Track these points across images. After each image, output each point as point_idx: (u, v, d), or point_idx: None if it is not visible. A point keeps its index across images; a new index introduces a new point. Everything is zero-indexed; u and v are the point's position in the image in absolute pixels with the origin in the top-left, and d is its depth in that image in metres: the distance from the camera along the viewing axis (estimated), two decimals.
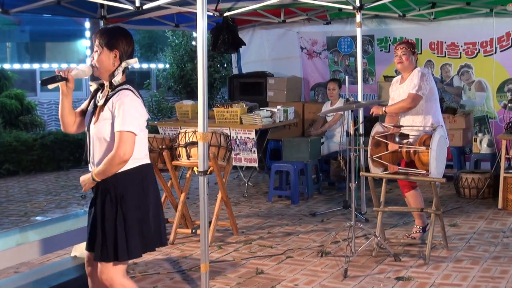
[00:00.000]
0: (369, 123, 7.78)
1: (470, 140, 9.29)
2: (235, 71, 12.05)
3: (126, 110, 3.61)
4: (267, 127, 8.53)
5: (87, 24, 15.07)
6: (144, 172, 3.79)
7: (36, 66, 16.23)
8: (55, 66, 3.58)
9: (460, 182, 8.35)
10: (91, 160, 3.81)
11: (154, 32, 17.46)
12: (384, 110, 6.18)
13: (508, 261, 5.66)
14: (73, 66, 3.86)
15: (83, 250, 4.21)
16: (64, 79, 3.70)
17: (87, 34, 15.93)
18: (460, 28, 9.69)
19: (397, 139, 5.86)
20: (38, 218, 7.77)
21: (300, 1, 8.26)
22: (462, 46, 9.74)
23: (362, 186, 7.52)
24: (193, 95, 14.27)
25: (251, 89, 11.01)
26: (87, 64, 3.80)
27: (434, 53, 9.96)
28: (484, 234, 6.59)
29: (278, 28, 11.08)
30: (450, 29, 9.77)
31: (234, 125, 8.28)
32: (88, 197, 8.34)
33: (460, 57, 9.79)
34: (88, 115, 3.82)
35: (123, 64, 3.73)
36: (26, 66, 16.55)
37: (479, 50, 9.62)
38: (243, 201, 8.53)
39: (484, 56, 9.56)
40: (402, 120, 6.19)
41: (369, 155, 5.90)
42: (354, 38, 8.83)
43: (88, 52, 16.05)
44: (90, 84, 3.86)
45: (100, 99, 3.74)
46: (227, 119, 8.33)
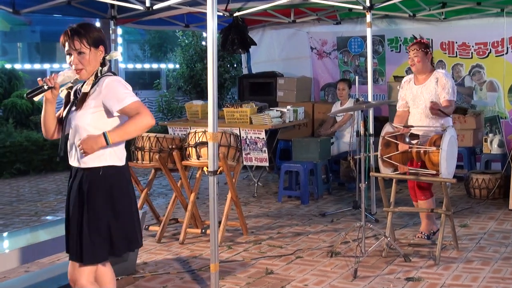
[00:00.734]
0: (379, 123, 7.77)
1: (480, 141, 9.26)
2: (245, 71, 12.06)
3: (118, 88, 3.55)
4: (277, 127, 8.53)
5: (97, 24, 15.06)
6: (118, 173, 3.66)
7: (46, 66, 16.30)
8: (65, 66, 3.58)
9: (470, 182, 8.32)
10: (71, 154, 3.67)
11: (164, 32, 17.49)
12: (440, 109, 5.92)
13: None
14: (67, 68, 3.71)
15: None
16: (51, 88, 3.56)
17: None
18: (471, 28, 9.65)
19: (407, 140, 5.85)
20: (48, 217, 7.80)
21: (310, 1, 8.25)
22: (473, 46, 9.71)
23: (372, 187, 7.50)
24: (203, 95, 14.27)
25: (261, 89, 11.02)
26: (72, 68, 3.63)
27: (445, 53, 9.93)
28: (494, 234, 6.57)
29: (288, 28, 11.08)
30: (461, 29, 9.74)
31: (244, 125, 8.28)
32: None
33: (472, 57, 9.76)
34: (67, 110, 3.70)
35: (107, 57, 3.68)
36: (37, 66, 16.63)
37: (490, 50, 9.58)
38: (252, 201, 8.53)
39: (496, 56, 9.52)
40: (412, 122, 6.14)
41: (379, 156, 5.88)
42: (365, 38, 8.81)
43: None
44: (60, 91, 3.66)
45: (85, 86, 3.61)
46: (237, 119, 8.33)
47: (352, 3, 8.11)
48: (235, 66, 15.26)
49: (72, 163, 3.71)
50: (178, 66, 16.02)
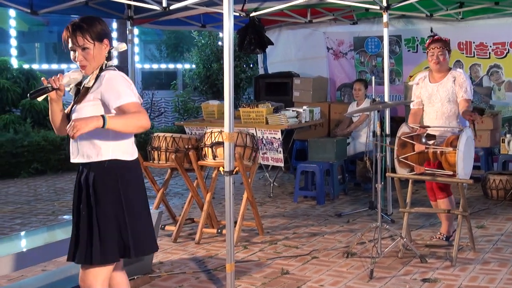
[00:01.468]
0: (395, 123, 7.74)
1: (497, 141, 9.20)
2: (261, 71, 12.07)
3: (120, 84, 3.42)
4: (293, 127, 8.53)
5: (114, 24, 15.17)
6: (124, 168, 3.51)
7: (64, 66, 16.38)
8: (69, 72, 3.56)
9: (487, 183, 8.27)
10: (71, 150, 3.58)
11: (180, 32, 17.53)
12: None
13: None
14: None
15: None
16: (55, 89, 3.46)
17: (114, 34, 16.05)
18: (489, 28, 9.60)
19: (423, 140, 5.82)
20: (65, 217, 7.84)
21: (326, 1, 8.24)
22: (491, 46, 9.65)
23: (388, 187, 7.48)
24: (219, 95, 14.30)
25: (277, 89, 11.02)
26: (77, 68, 3.55)
27: (463, 53, 9.88)
28: (511, 236, 6.53)
29: (304, 28, 11.07)
30: (479, 29, 9.69)
31: (260, 125, 8.28)
32: None
33: (489, 57, 9.71)
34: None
35: (113, 50, 3.57)
36: (54, 66, 16.72)
37: (508, 50, 9.53)
38: (268, 201, 8.53)
39: None
40: (427, 121, 6.10)
41: (395, 156, 5.86)
42: (381, 38, 8.79)
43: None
44: (66, 89, 3.58)
45: (88, 80, 3.50)
46: (253, 119, 8.34)
47: (368, 3, 8.09)
48: (251, 66, 15.27)
49: (73, 160, 3.58)
50: (194, 66, 16.06)
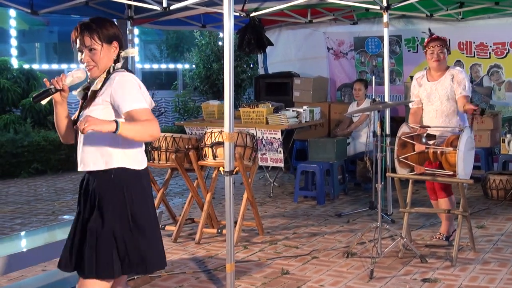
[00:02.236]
0: (395, 123, 7.74)
1: (497, 141, 9.20)
2: (261, 71, 12.07)
3: (132, 87, 3.28)
4: (293, 128, 8.53)
5: None
6: (132, 177, 3.35)
7: (64, 66, 16.39)
8: (83, 66, 3.53)
9: (487, 183, 8.27)
10: (78, 158, 3.38)
11: (181, 32, 17.54)
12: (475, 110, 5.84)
13: None
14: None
15: None
16: (59, 90, 3.30)
17: None
18: (489, 28, 9.59)
19: (423, 140, 5.82)
20: (65, 217, 7.84)
21: (326, 1, 8.24)
22: (491, 46, 9.65)
23: (388, 187, 7.48)
24: (219, 95, 14.30)
25: (277, 89, 11.03)
26: (80, 67, 3.43)
27: (463, 53, 9.88)
28: None
29: (305, 28, 11.07)
30: (479, 29, 9.68)
31: (260, 125, 8.28)
32: None
33: (490, 57, 9.70)
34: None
35: (122, 53, 3.40)
36: (55, 66, 16.72)
37: (508, 50, 9.53)
38: (268, 201, 8.53)
39: None
40: (427, 120, 6.10)
41: (395, 156, 5.86)
42: (382, 38, 8.79)
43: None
44: (73, 93, 3.43)
45: (96, 84, 3.34)
46: (253, 119, 8.34)
47: (369, 3, 8.09)
48: (252, 66, 15.28)
49: (80, 168, 3.39)
50: (194, 66, 16.07)
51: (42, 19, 16.76)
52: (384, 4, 7.50)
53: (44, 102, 3.33)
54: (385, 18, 7.53)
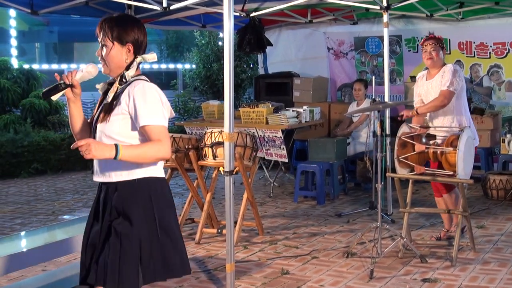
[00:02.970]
0: (395, 123, 7.73)
1: (497, 141, 9.20)
2: (261, 71, 12.06)
3: (154, 100, 3.14)
4: (293, 128, 8.53)
5: None
6: (157, 184, 3.25)
7: (64, 66, 16.41)
8: (83, 66, 3.53)
9: (487, 183, 8.27)
10: (96, 168, 3.26)
11: (181, 32, 17.55)
12: (416, 111, 6.05)
13: None
14: (82, 66, 3.36)
15: None
16: (69, 86, 3.19)
17: None
18: (489, 28, 9.59)
19: (423, 140, 5.82)
20: (65, 217, 7.85)
21: (326, 1, 8.24)
22: (491, 46, 9.65)
23: (388, 187, 7.47)
24: (219, 95, 14.31)
25: (277, 89, 11.02)
26: (92, 63, 3.31)
27: (463, 53, 9.87)
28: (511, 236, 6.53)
29: (305, 28, 11.07)
30: (479, 29, 9.68)
31: (260, 125, 8.27)
32: None
33: (490, 57, 9.70)
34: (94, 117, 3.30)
35: (138, 59, 3.25)
36: (55, 66, 16.75)
37: (509, 50, 9.52)
38: (268, 201, 8.53)
39: None
40: (431, 119, 6.10)
41: (395, 156, 5.86)
42: (382, 38, 8.79)
43: None
44: (96, 86, 3.34)
45: (109, 94, 3.21)
46: (253, 119, 8.33)
47: (369, 3, 8.09)
48: (252, 66, 15.28)
49: (98, 179, 3.29)
50: (194, 66, 16.06)
51: (42, 19, 16.78)
52: (384, 4, 7.50)
53: (54, 98, 3.23)
54: (385, 18, 7.53)
